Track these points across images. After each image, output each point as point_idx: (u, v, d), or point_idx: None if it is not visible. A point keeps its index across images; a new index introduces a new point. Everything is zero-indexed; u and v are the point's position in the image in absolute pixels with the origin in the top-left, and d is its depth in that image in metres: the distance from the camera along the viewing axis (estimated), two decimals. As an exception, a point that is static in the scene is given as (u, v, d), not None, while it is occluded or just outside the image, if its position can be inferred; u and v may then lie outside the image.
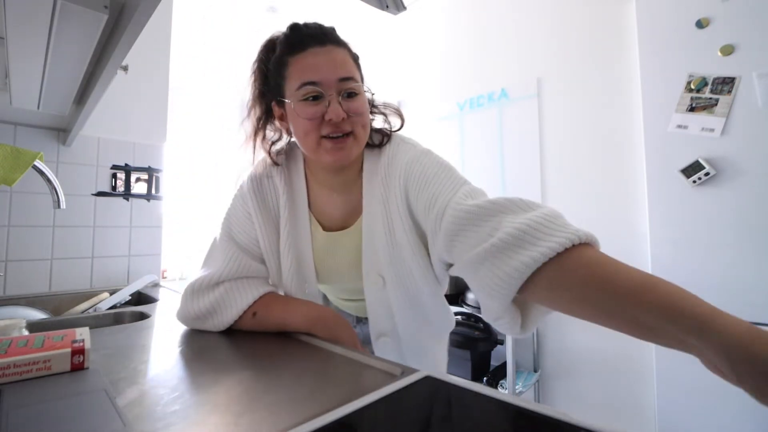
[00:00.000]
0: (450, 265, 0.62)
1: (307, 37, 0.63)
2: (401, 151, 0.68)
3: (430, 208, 0.60)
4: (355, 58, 0.68)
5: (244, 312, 0.68)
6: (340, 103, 0.61)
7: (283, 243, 0.73)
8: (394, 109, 0.73)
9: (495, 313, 0.54)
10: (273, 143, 0.74)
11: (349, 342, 0.64)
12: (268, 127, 0.72)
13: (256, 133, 0.72)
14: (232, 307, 0.68)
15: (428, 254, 0.66)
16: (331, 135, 0.62)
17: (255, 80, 0.70)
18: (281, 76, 0.64)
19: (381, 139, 0.71)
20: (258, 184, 0.74)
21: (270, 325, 0.68)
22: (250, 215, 0.73)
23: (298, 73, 0.62)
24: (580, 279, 0.50)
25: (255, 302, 0.68)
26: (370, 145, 0.71)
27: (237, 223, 0.74)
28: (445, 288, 0.73)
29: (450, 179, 0.61)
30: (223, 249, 0.72)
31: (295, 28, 0.65)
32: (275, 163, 0.74)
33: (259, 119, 0.71)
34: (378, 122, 0.73)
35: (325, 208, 0.74)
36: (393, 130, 0.72)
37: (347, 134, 0.63)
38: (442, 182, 0.61)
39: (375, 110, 0.73)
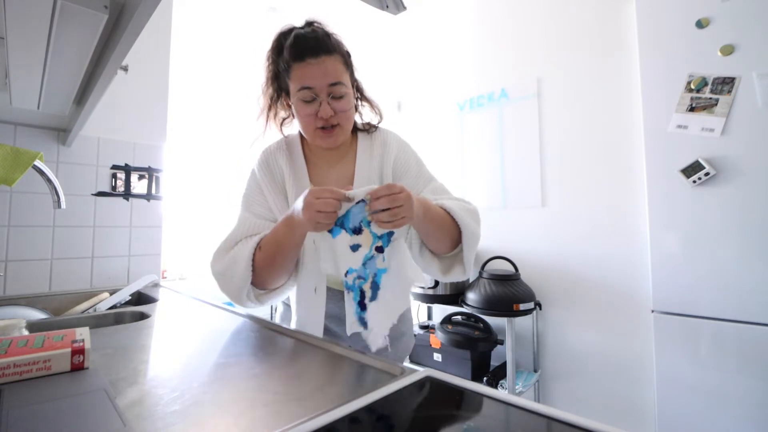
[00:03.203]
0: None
1: (306, 49, 0.78)
2: (390, 137, 0.93)
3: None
4: (346, 57, 0.83)
5: (253, 255, 0.77)
6: (329, 103, 0.79)
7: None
8: (375, 105, 0.93)
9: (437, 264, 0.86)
10: (284, 119, 0.91)
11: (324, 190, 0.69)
12: (279, 105, 0.88)
13: (269, 108, 0.89)
14: (242, 253, 0.78)
15: None
16: (323, 126, 0.81)
17: (270, 64, 0.85)
18: (288, 77, 0.81)
19: (370, 127, 0.93)
20: (266, 165, 0.90)
21: (270, 250, 0.77)
22: (262, 190, 0.88)
23: (298, 79, 0.79)
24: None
25: (258, 243, 0.80)
26: (361, 130, 0.93)
27: (251, 196, 0.89)
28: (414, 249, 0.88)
29: (427, 174, 0.93)
30: (239, 218, 0.88)
31: (298, 38, 0.79)
32: (283, 135, 0.93)
33: (271, 97, 0.87)
34: (366, 111, 0.93)
35: (322, 179, 0.90)
36: (378, 122, 0.94)
37: (335, 126, 0.82)
38: (417, 175, 0.91)
39: (364, 99, 0.92)
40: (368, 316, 0.68)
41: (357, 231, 0.67)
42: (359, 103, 0.92)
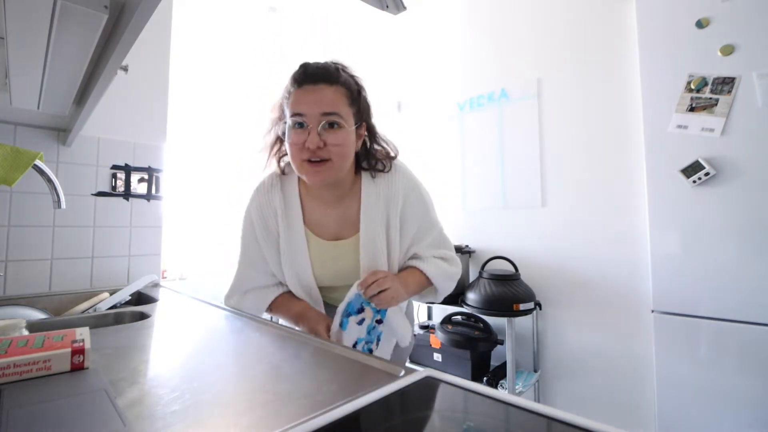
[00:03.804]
0: None
1: (306, 76, 0.76)
2: (400, 178, 0.87)
3: (410, 245, 0.90)
4: (353, 93, 0.80)
5: (265, 311, 0.92)
6: (319, 133, 0.74)
7: (284, 255, 0.87)
8: (392, 146, 0.89)
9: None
10: (283, 155, 0.88)
11: (323, 332, 0.80)
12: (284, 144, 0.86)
13: (274, 144, 0.88)
14: (255, 308, 0.91)
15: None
16: (310, 159, 0.76)
17: (281, 100, 0.82)
18: (287, 104, 0.79)
19: (375, 170, 0.87)
20: (259, 212, 0.88)
21: (280, 315, 0.91)
22: (257, 239, 0.89)
23: (292, 105, 0.76)
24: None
25: (270, 305, 0.91)
26: (366, 170, 0.87)
27: (248, 248, 0.91)
28: None
29: (429, 221, 0.91)
30: (239, 270, 0.93)
31: (303, 66, 0.78)
32: (282, 172, 0.89)
33: (278, 134, 0.86)
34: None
35: (320, 221, 0.87)
36: (385, 170, 0.87)
37: (325, 160, 0.76)
38: (420, 224, 0.89)
39: (375, 143, 0.87)
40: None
41: (360, 311, 0.82)
42: (372, 146, 0.87)
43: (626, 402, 1.65)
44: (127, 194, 1.43)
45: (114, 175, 1.41)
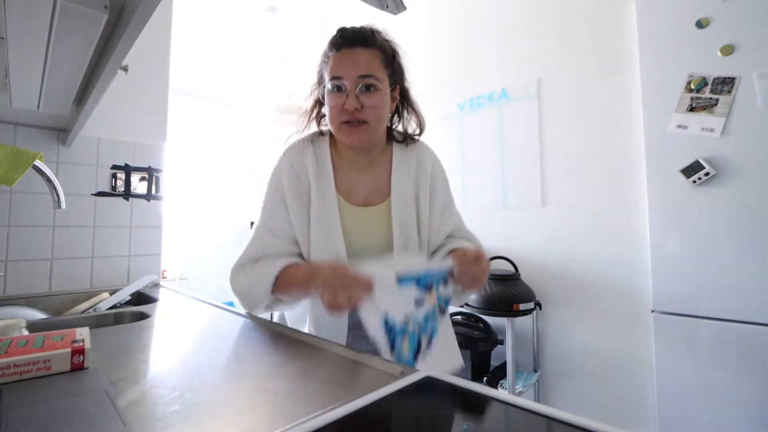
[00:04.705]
0: None
1: (343, 40, 0.78)
2: (426, 152, 0.89)
3: (440, 224, 0.88)
4: (388, 56, 0.81)
5: (272, 285, 0.77)
6: (357, 96, 0.75)
7: (314, 218, 0.83)
8: (422, 118, 0.90)
9: None
10: (322, 117, 0.88)
11: (359, 285, 0.66)
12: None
13: (314, 107, 0.88)
14: (263, 280, 0.77)
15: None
16: (347, 121, 0.77)
17: (319, 65, 0.84)
18: (325, 68, 0.80)
19: (406, 138, 0.88)
20: (290, 168, 0.84)
21: (287, 290, 0.77)
22: (285, 199, 0.83)
23: (331, 68, 0.77)
24: None
25: (278, 274, 0.77)
26: (399, 141, 0.88)
27: (272, 208, 0.84)
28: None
29: (450, 200, 0.92)
30: (256, 232, 0.84)
31: (340, 31, 0.80)
32: (320, 133, 0.89)
33: (317, 98, 0.87)
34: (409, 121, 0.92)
35: (350, 186, 0.86)
36: (416, 134, 0.90)
37: (362, 122, 0.77)
38: (444, 199, 0.89)
39: (410, 108, 0.89)
40: (420, 360, 0.70)
41: (428, 288, 0.69)
42: (404, 111, 0.88)
43: (626, 402, 1.65)
44: (127, 194, 1.43)
45: (114, 175, 1.41)
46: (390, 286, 0.65)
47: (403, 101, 0.88)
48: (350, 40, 0.77)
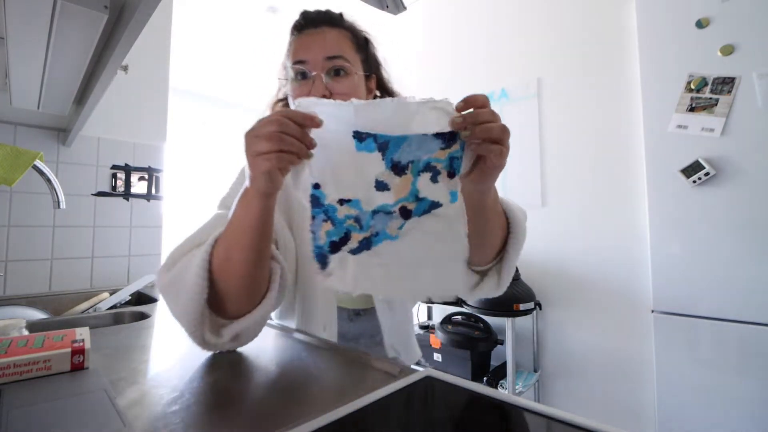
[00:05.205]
0: None
1: (306, 20, 0.68)
2: None
3: None
4: (359, 39, 0.71)
5: (210, 258, 0.53)
6: (324, 82, 0.64)
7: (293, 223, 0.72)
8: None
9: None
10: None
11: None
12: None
13: (273, 106, 0.78)
14: (196, 256, 0.53)
15: None
16: None
17: (284, 58, 0.74)
18: (287, 55, 0.70)
19: None
20: None
21: (226, 243, 0.53)
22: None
23: (293, 53, 0.67)
24: None
25: (217, 238, 0.55)
26: None
27: (232, 196, 0.67)
28: None
29: None
30: (209, 219, 0.66)
31: (302, 13, 0.70)
32: None
33: (280, 100, 0.78)
34: None
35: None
36: None
37: None
38: None
39: (388, 94, 0.77)
40: (332, 262, 0.47)
41: (398, 170, 0.44)
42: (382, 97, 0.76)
43: (626, 402, 1.65)
44: (127, 194, 1.43)
45: (114, 175, 1.41)
46: (341, 141, 0.44)
47: (384, 95, 0.76)
48: (314, 20, 0.68)
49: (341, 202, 0.46)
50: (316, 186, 0.46)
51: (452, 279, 0.49)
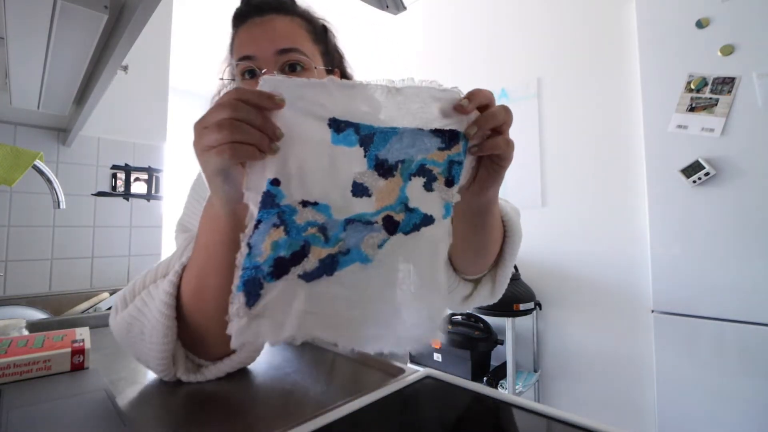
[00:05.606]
0: None
1: (249, 7, 0.57)
2: None
3: None
4: (315, 27, 0.61)
5: (177, 287, 0.45)
6: None
7: None
8: None
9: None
10: None
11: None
12: None
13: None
14: (159, 287, 0.46)
15: None
16: None
17: (227, 59, 0.63)
18: (231, 52, 0.59)
19: None
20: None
21: (195, 266, 0.45)
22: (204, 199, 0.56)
23: (237, 48, 0.57)
24: None
25: (185, 265, 0.47)
26: None
27: (189, 215, 0.60)
28: None
29: None
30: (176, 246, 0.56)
31: (244, 1, 0.59)
32: None
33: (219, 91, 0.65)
34: None
35: None
36: None
37: None
38: None
39: None
40: (269, 293, 0.32)
41: (383, 170, 0.35)
42: None
43: (626, 402, 1.65)
44: (127, 194, 1.43)
45: (114, 175, 1.41)
46: (313, 130, 0.34)
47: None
48: (259, 7, 0.57)
49: (304, 203, 0.33)
50: (275, 182, 0.33)
51: (430, 324, 0.35)
